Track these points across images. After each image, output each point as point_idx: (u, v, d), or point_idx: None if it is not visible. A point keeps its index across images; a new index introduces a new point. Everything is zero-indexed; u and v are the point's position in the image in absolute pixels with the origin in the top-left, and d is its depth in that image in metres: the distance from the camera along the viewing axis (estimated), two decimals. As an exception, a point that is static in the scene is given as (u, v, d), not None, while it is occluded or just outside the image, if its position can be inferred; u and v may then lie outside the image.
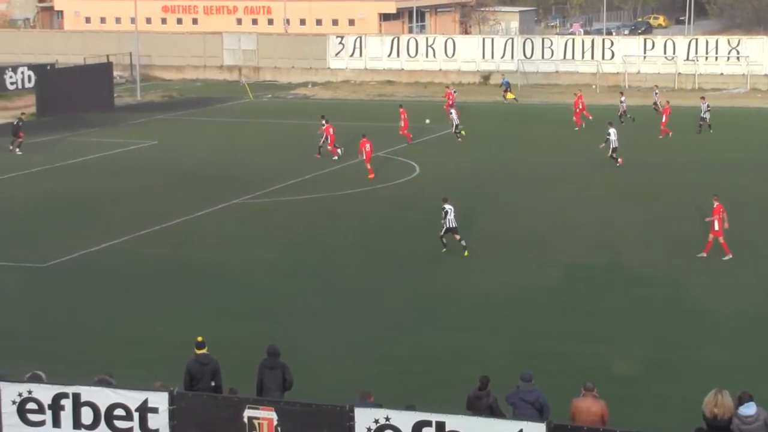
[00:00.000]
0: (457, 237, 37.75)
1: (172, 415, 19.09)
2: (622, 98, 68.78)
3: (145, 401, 19.16)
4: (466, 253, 37.53)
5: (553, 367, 26.37)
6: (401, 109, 63.48)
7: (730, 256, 36.34)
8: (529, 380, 20.36)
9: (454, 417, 18.19)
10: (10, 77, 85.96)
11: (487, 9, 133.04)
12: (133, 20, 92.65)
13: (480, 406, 20.24)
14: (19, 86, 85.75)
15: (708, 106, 64.02)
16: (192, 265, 36.79)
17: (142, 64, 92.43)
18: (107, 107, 77.17)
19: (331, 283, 34.65)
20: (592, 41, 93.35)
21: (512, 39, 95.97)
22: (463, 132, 62.93)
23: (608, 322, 30.67)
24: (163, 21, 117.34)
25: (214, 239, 40.42)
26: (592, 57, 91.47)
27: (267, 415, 18.77)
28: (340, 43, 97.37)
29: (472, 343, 28.99)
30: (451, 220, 37.60)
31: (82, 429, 19.34)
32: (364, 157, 51.11)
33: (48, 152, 59.34)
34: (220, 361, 22.44)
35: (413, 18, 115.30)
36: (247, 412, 18.87)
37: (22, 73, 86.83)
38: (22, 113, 64.77)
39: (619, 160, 53.28)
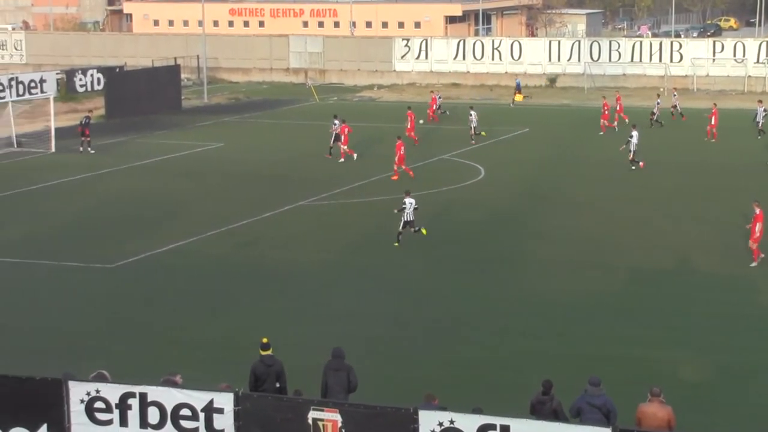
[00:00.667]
0: (413, 230, 39.27)
1: (238, 416, 19.16)
2: (658, 100, 68.25)
3: (211, 402, 19.25)
4: (424, 231, 39.53)
5: (618, 372, 26.17)
6: (408, 112, 63.49)
7: (756, 264, 35.90)
8: (597, 384, 20.21)
9: (519, 421, 18.09)
10: (80, 80, 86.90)
11: (553, 11, 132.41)
12: (200, 23, 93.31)
13: (544, 410, 20.13)
14: (89, 89, 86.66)
15: (765, 110, 63.20)
16: (258, 266, 36.94)
17: (209, 66, 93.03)
18: (175, 109, 77.78)
19: (395, 285, 34.62)
20: (660, 44, 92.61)
21: (579, 41, 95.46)
22: (483, 133, 62.63)
23: (675, 327, 30.38)
24: (230, 24, 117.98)
25: (280, 241, 40.56)
26: (660, 60, 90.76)
27: (331, 417, 18.78)
28: (406, 45, 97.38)
29: (535, 347, 28.84)
30: (409, 213, 39.05)
31: (149, 428, 19.47)
32: (396, 159, 50.99)
33: (116, 154, 59.90)
34: (285, 363, 22.51)
35: (479, 20, 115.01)
36: (312, 414, 18.89)
37: (92, 75, 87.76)
38: (90, 111, 65.43)
39: (640, 163, 53.08)
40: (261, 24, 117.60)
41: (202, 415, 19.21)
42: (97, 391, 19.59)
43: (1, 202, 47.75)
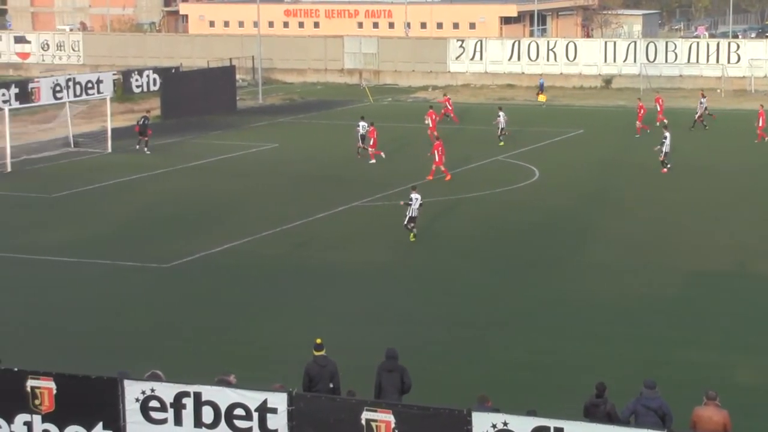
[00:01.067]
0: (412, 225, 39.81)
1: (291, 416, 19.21)
2: (702, 99, 67.55)
3: (265, 402, 19.31)
4: (412, 237, 39.89)
5: (673, 375, 25.98)
6: (430, 111, 63.96)
7: None
8: (652, 387, 20.08)
9: (573, 423, 18.01)
10: (136, 80, 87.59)
11: (609, 12, 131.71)
12: (255, 24, 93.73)
13: (597, 413, 20.03)
14: (145, 89, 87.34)
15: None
16: (311, 267, 37.02)
17: (264, 67, 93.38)
18: (230, 110, 78.15)
19: (448, 287, 34.59)
20: (717, 44, 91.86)
21: (635, 42, 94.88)
22: (501, 143, 62.41)
23: (730, 330, 30.14)
24: (285, 25, 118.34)
25: (334, 241, 40.64)
26: (717, 60, 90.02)
27: (385, 418, 18.78)
28: (461, 46, 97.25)
29: (589, 350, 28.70)
30: (415, 209, 39.64)
31: (203, 428, 19.56)
32: (436, 159, 50.96)
33: (171, 154, 60.29)
34: (338, 363, 22.55)
35: (534, 21, 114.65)
36: (365, 415, 18.90)
37: (148, 76, 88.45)
38: (148, 111, 65.89)
39: (664, 169, 52.84)
40: (316, 25, 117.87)
41: (255, 415, 19.28)
42: (152, 390, 19.72)
43: (58, 201, 48.21)
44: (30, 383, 20.15)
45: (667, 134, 53.51)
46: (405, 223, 40.08)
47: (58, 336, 30.10)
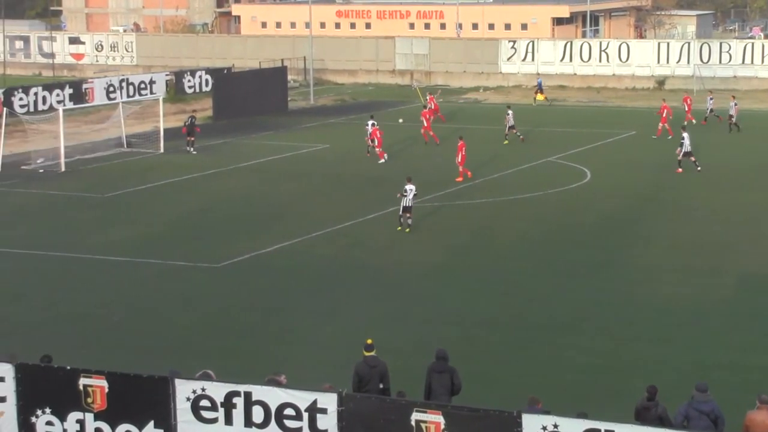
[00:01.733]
0: (408, 215, 41.21)
1: (341, 417, 19.22)
2: (710, 97, 67.19)
3: (315, 402, 19.33)
4: (407, 230, 41.09)
5: (725, 379, 25.79)
6: (423, 111, 65.30)
7: None
8: (704, 390, 19.93)
9: (624, 426, 17.89)
10: (188, 81, 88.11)
11: (663, 12, 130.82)
12: (307, 25, 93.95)
13: (649, 416, 19.90)
14: (197, 90, 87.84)
15: None
16: (363, 267, 37.06)
17: (315, 68, 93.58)
18: (281, 111, 78.36)
19: (500, 288, 34.51)
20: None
21: (688, 43, 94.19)
22: (505, 142, 62.44)
23: (785, 334, 29.87)
24: (337, 25, 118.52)
25: (385, 242, 40.65)
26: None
27: (434, 419, 18.76)
28: (513, 47, 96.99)
29: (641, 352, 28.54)
30: (409, 199, 40.99)
31: (253, 427, 19.61)
32: (459, 159, 50.91)
33: (223, 154, 60.56)
34: (389, 364, 22.54)
35: (587, 22, 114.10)
36: (415, 416, 18.88)
37: (200, 77, 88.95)
38: (194, 111, 66.20)
39: (678, 169, 52.74)
40: (367, 26, 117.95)
41: (305, 415, 19.31)
42: (203, 390, 19.81)
43: (111, 201, 48.56)
44: (82, 381, 20.30)
45: (686, 135, 53.28)
46: (400, 213, 41.45)
47: (110, 335, 30.31)
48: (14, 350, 22.86)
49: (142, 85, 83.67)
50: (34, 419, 20.64)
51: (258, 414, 19.54)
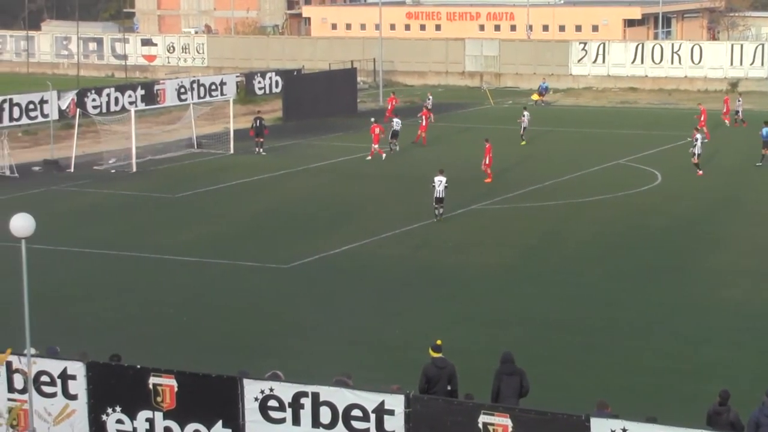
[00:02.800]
0: (440, 206, 43.01)
1: (408, 418, 19.20)
2: (739, 99, 66.25)
3: (382, 403, 19.32)
4: (440, 219, 43.07)
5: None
6: (424, 110, 66.05)
7: None
8: (775, 397, 19.68)
9: (694, 431, 17.75)
10: (259, 82, 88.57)
11: (736, 14, 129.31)
12: (377, 26, 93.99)
13: (720, 422, 19.69)
14: (267, 91, 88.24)
15: None
16: (431, 269, 37.00)
17: (385, 69, 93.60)
18: (350, 112, 78.43)
19: (569, 290, 34.29)
20: None
21: (762, 45, 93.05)
22: (523, 142, 62.25)
23: None
24: (407, 27, 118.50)
25: (453, 244, 40.56)
26: None
27: (502, 422, 18.67)
28: (583, 49, 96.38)
29: (715, 357, 28.23)
30: (440, 191, 42.75)
31: (321, 428, 19.65)
32: (486, 162, 50.85)
33: (292, 155, 60.77)
34: (457, 366, 22.47)
35: (659, 24, 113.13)
36: (482, 418, 18.82)
37: (270, 78, 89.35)
38: (259, 111, 66.45)
39: (699, 171, 52.38)
40: (437, 27, 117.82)
41: (372, 416, 19.31)
42: (271, 390, 19.87)
43: (181, 202, 48.92)
44: (152, 381, 20.46)
45: (698, 136, 53.19)
46: (434, 204, 43.19)
47: (179, 334, 30.51)
48: (85, 349, 23.09)
49: (213, 87, 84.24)
50: (104, 417, 20.84)
51: (325, 415, 19.58)
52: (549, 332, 30.22)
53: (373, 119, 60.73)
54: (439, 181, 42.94)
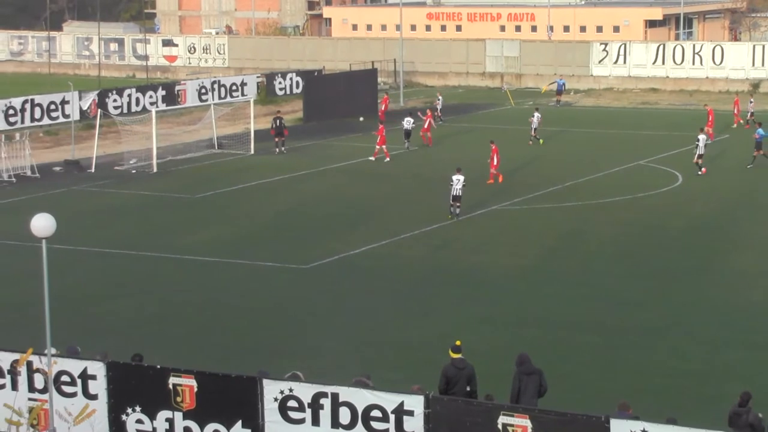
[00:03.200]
0: (457, 204, 43.20)
1: (428, 419, 19.20)
2: (751, 100, 65.90)
3: (401, 404, 19.33)
4: (449, 217, 43.32)
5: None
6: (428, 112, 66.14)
7: None
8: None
9: (714, 433, 17.70)
10: (279, 83, 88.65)
11: (758, 14, 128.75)
12: (398, 27, 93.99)
13: (740, 423, 19.66)
14: (287, 92, 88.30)
15: None
16: (451, 270, 36.98)
17: (405, 70, 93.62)
18: (371, 113, 78.31)
19: (589, 291, 34.22)
20: None
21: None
22: (540, 141, 62.10)
23: None
24: (428, 28, 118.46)
25: (473, 245, 40.54)
26: None
27: (522, 423, 18.66)
28: (604, 50, 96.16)
29: (735, 359, 28.13)
30: (458, 189, 42.99)
31: (340, 428, 19.66)
32: (495, 162, 50.96)
33: (313, 156, 60.83)
34: (477, 367, 22.46)
35: (680, 24, 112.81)
36: (502, 419, 18.80)
37: (291, 78, 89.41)
38: (278, 111, 66.53)
39: (702, 169, 52.45)
40: (458, 28, 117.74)
41: (392, 417, 19.31)
42: (291, 390, 19.90)
43: (201, 202, 49.01)
44: (172, 381, 20.51)
45: (700, 137, 53.29)
46: (450, 202, 43.28)
47: (200, 334, 30.57)
48: (107, 349, 23.17)
49: (234, 87, 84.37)
50: (124, 417, 20.90)
51: (345, 415, 19.59)
52: (569, 333, 30.17)
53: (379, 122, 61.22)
54: (457, 180, 43.23)
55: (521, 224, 43.72)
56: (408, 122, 62.56)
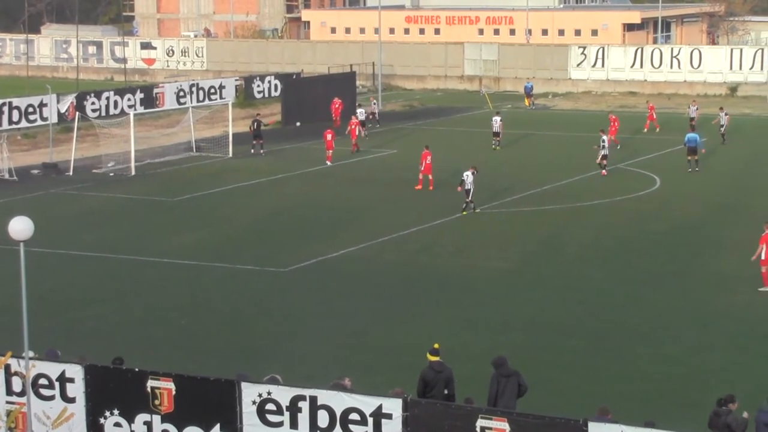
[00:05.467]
0: (469, 199, 45.13)
1: (406, 422, 19.21)
2: (725, 112, 65.93)
3: (380, 407, 19.34)
4: (464, 213, 44.97)
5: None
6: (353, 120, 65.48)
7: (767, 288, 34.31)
8: (774, 402, 19.74)
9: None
10: (258, 86, 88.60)
11: (736, 18, 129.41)
12: (377, 30, 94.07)
13: (718, 423, 19.76)
14: (266, 95, 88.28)
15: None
16: (431, 273, 36.99)
17: (384, 73, 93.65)
18: (350, 116, 78.24)
19: (569, 295, 34.28)
20: None
21: (762, 49, 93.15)
22: (495, 146, 62.94)
23: None
24: (406, 31, 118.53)
25: (453, 248, 40.57)
26: None
27: (500, 426, 18.68)
28: (582, 53, 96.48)
29: (717, 362, 28.21)
30: (469, 182, 45.03)
31: (318, 431, 19.66)
32: (422, 168, 51.09)
33: (291, 159, 60.78)
34: (457, 371, 22.47)
35: (658, 28, 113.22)
36: (480, 422, 18.83)
37: (269, 82, 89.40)
38: (258, 114, 66.49)
39: (603, 171, 53.65)
40: (437, 31, 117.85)
41: (370, 420, 19.32)
42: (269, 393, 19.88)
43: (180, 205, 48.93)
44: (150, 384, 20.47)
45: (605, 137, 54.18)
46: (467, 199, 45.32)
47: (180, 338, 30.51)
48: (86, 353, 23.09)
49: (212, 90, 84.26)
50: (102, 420, 20.85)
51: (323, 418, 19.59)
52: (550, 337, 30.21)
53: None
54: (467, 175, 45.09)
55: (501, 228, 43.76)
56: (361, 113, 65.08)
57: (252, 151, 61.13)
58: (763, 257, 34.45)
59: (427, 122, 76.78)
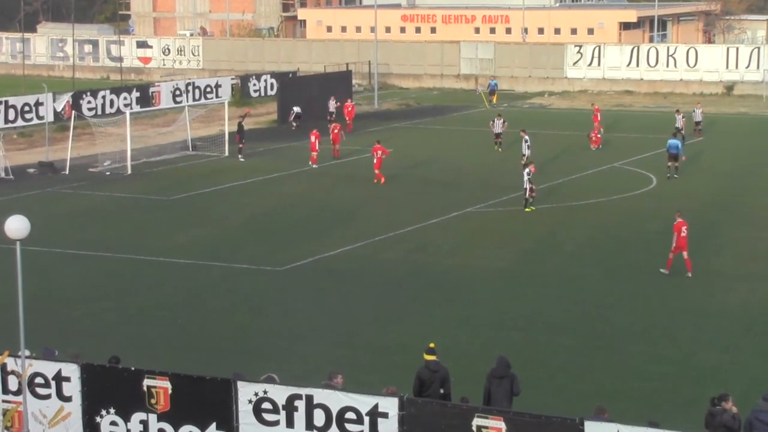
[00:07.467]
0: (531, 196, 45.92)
1: (402, 421, 19.22)
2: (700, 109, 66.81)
3: (376, 406, 19.34)
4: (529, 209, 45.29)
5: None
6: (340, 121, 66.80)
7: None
8: (768, 400, 19.75)
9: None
10: (254, 85, 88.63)
11: (732, 17, 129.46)
12: (373, 29, 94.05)
13: (714, 423, 19.77)
14: (262, 93, 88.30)
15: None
16: (426, 272, 37.00)
17: (380, 72, 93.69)
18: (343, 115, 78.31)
19: (565, 294, 34.29)
20: None
21: (758, 48, 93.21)
22: (498, 147, 62.50)
23: None
24: (402, 30, 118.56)
25: (448, 247, 40.58)
26: None
27: (496, 425, 18.69)
28: (578, 52, 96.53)
29: (713, 361, 28.23)
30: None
31: (314, 430, 19.66)
32: (375, 162, 52.34)
33: (287, 158, 60.75)
34: (453, 370, 22.48)
35: (654, 27, 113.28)
36: (476, 421, 18.83)
37: (265, 80, 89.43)
38: (241, 117, 66.15)
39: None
40: (433, 30, 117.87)
41: (366, 419, 19.33)
42: (265, 392, 19.89)
43: (176, 204, 48.90)
44: (146, 382, 20.47)
45: (527, 137, 55.04)
46: (526, 196, 46.07)
47: (176, 337, 30.51)
48: (82, 352, 23.09)
49: (208, 89, 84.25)
50: (98, 419, 20.84)
51: (319, 417, 19.59)
52: (546, 336, 30.22)
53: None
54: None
55: (497, 227, 43.78)
56: (332, 104, 68.53)
57: (239, 156, 60.36)
58: (674, 244, 35.46)
59: (423, 121, 76.80)
